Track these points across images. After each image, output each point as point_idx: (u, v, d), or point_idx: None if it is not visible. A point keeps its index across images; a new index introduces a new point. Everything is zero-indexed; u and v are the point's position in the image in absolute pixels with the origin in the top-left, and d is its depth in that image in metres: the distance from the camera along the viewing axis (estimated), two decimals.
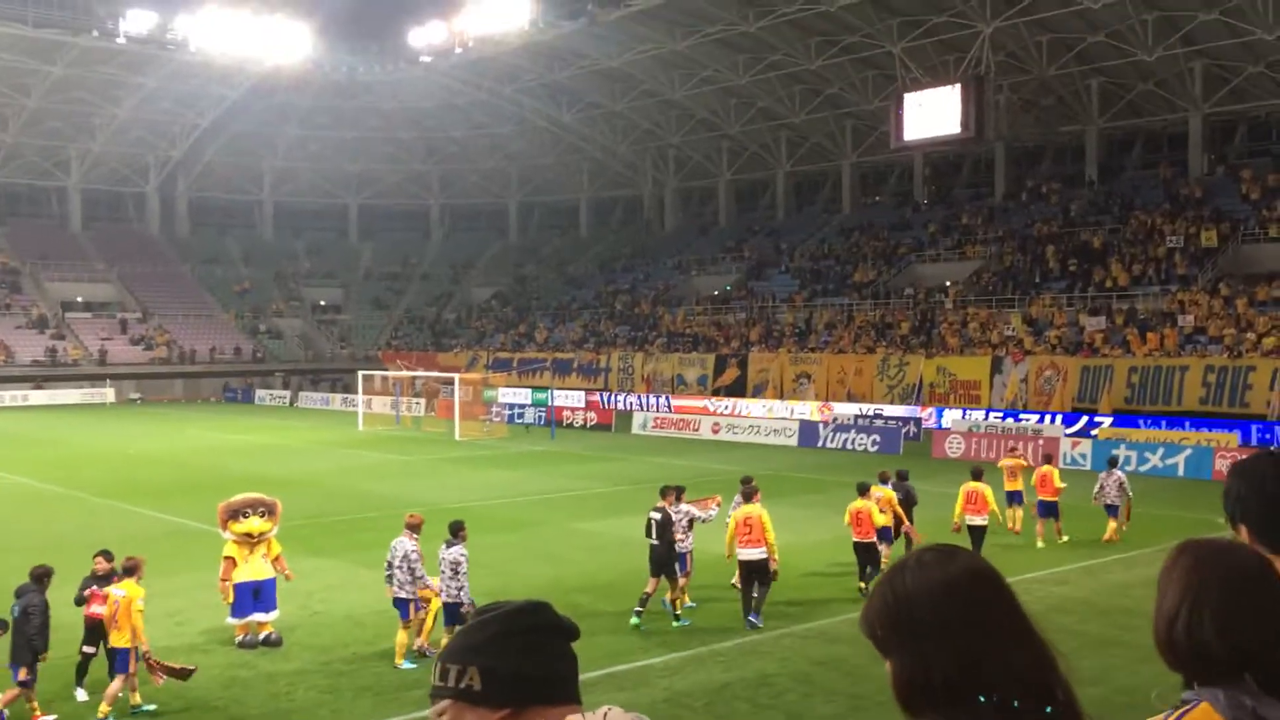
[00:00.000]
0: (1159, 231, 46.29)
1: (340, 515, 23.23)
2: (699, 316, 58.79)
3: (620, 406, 50.13)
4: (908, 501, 17.55)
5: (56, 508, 24.39)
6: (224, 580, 13.37)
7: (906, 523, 16.82)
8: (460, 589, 12.51)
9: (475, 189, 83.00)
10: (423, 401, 51.39)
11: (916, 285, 52.17)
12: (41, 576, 11.30)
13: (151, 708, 11.12)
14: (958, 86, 47.35)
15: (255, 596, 13.35)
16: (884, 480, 17.10)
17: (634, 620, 14.08)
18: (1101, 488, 20.07)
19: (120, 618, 11.01)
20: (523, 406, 50.19)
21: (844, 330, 50.20)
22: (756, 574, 14.16)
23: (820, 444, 38.09)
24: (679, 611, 14.34)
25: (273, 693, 11.71)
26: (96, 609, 11.44)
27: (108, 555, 12.00)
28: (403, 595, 12.67)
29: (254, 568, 13.46)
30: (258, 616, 13.37)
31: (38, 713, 10.83)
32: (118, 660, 10.99)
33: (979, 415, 39.98)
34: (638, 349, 57.15)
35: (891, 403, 43.95)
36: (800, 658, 12.89)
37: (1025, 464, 21.30)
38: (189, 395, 65.61)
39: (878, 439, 37.05)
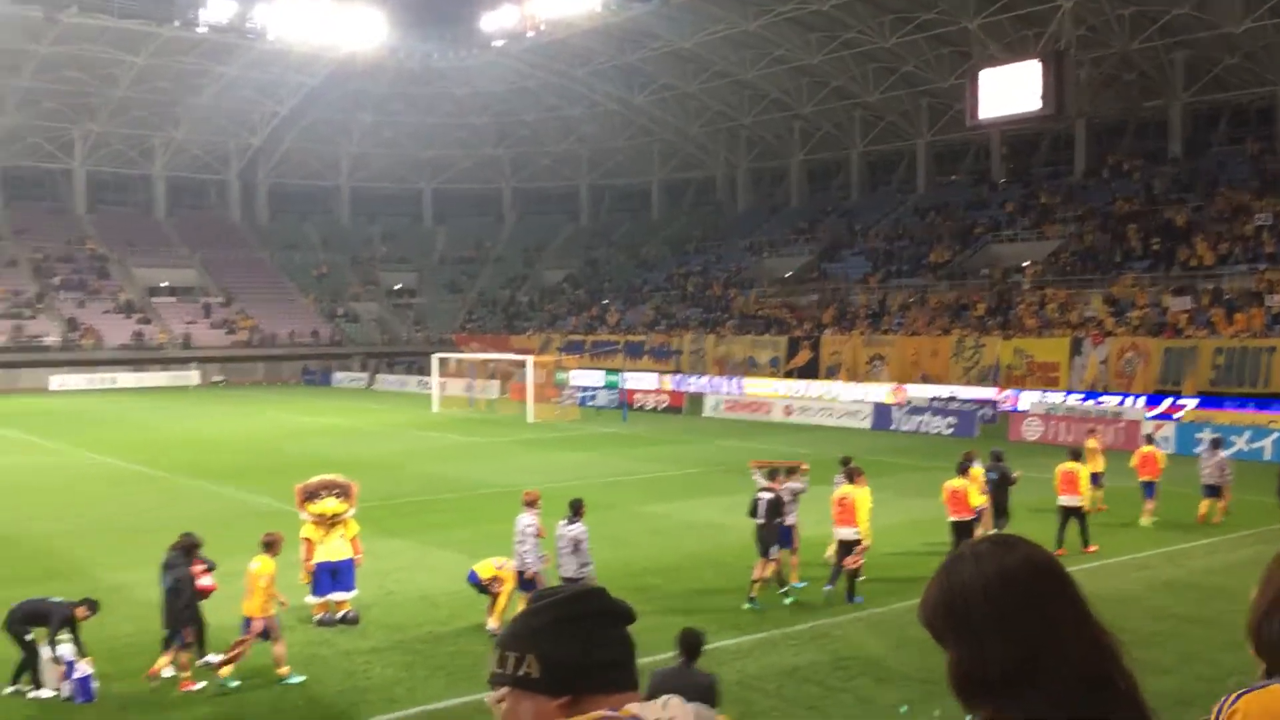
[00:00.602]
0: (1246, 209, 44.92)
1: (414, 497, 23.56)
2: (771, 298, 58.47)
3: (692, 389, 50.12)
4: (1004, 482, 17.37)
5: (142, 488, 25.09)
6: (305, 561, 13.66)
7: (984, 504, 16.62)
8: (582, 565, 12.80)
9: (547, 172, 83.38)
10: (496, 384, 51.87)
11: (993, 265, 51.33)
12: (189, 548, 11.70)
13: (235, 684, 11.42)
14: (1036, 62, 46.25)
15: (333, 576, 13.61)
16: (970, 461, 16.90)
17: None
18: (1202, 468, 20.06)
19: (250, 588, 11.48)
20: (595, 389, 50.42)
21: (919, 312, 49.57)
22: (849, 552, 14.49)
23: (894, 427, 37.76)
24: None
25: (350, 670, 11.95)
26: (204, 582, 11.80)
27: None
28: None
29: (331, 548, 13.72)
30: (336, 595, 13.63)
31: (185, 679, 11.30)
32: (243, 626, 11.49)
33: (1057, 397, 39.26)
34: (709, 331, 57.05)
35: (967, 385, 43.35)
36: (873, 642, 12.81)
37: (1095, 446, 21.04)
38: (270, 378, 67.01)
39: (953, 422, 36.61)
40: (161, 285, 71.34)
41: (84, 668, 10.99)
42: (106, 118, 70.97)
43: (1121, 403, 37.13)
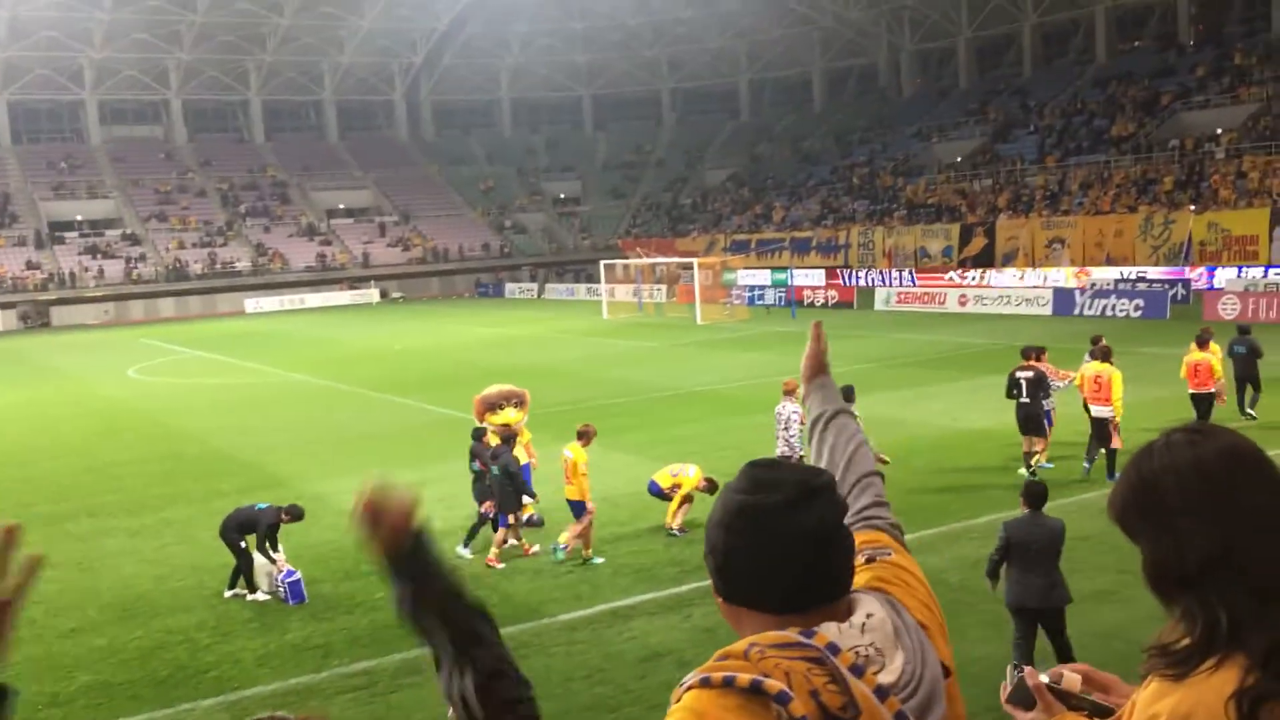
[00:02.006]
0: None
1: (590, 402, 23.99)
2: (941, 185, 56.54)
3: (862, 283, 49.22)
4: (1253, 355, 17.68)
5: (336, 403, 26.35)
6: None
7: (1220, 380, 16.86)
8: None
9: (705, 70, 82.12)
10: (663, 287, 52.09)
11: (1183, 135, 48.19)
12: (510, 439, 13.16)
13: (600, 560, 12.39)
14: None
15: None
16: (1210, 336, 16.97)
17: (1023, 472, 14.76)
18: None
19: (569, 474, 12.59)
20: (763, 288, 50.07)
21: (1101, 190, 47.14)
22: (1105, 430, 14.68)
23: (1077, 312, 36.30)
24: (1035, 469, 14.71)
25: (536, 569, 12.37)
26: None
27: (481, 432, 13.46)
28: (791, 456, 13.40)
29: None
30: None
31: (526, 548, 12.86)
32: (572, 509, 12.63)
33: (1257, 273, 36.91)
34: (877, 223, 55.69)
35: (1156, 264, 41.20)
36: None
37: None
38: (445, 292, 69.06)
39: (1141, 303, 34.92)
40: (339, 207, 74.02)
41: (294, 571, 11.71)
42: (276, 46, 73.34)
43: None
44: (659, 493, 13.56)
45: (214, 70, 75.01)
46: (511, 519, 12.74)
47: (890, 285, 47.12)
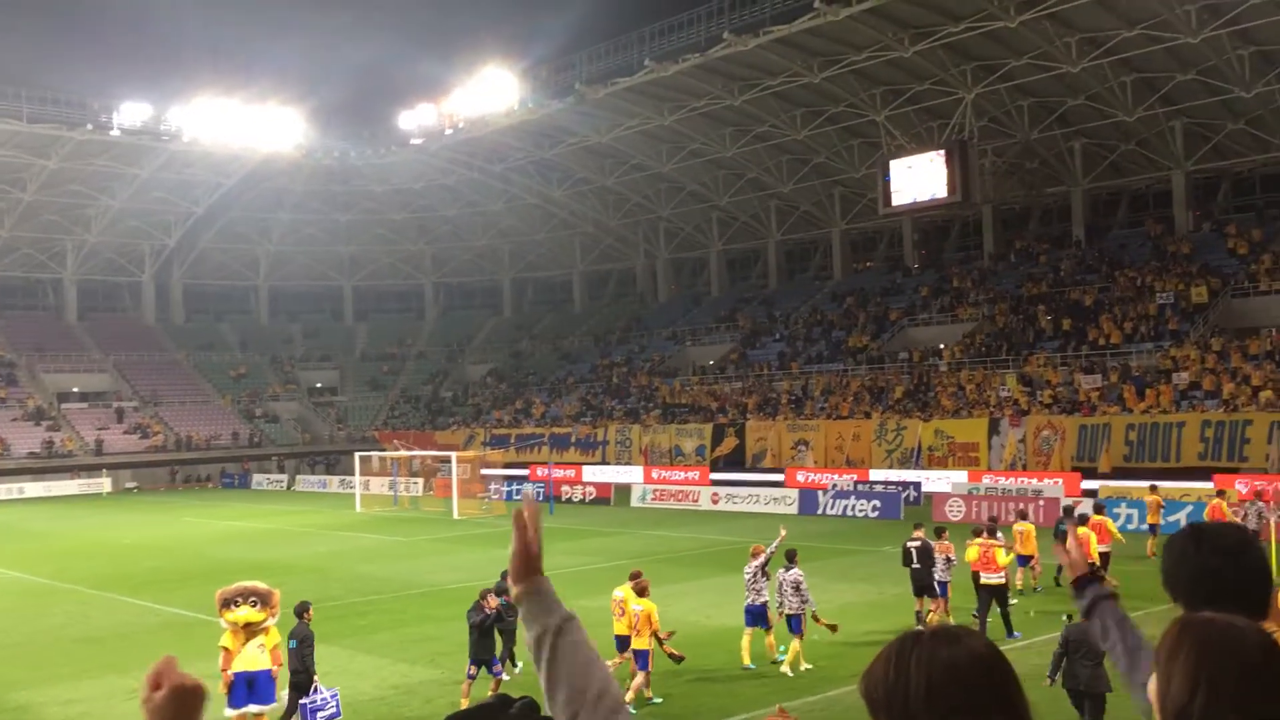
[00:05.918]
0: (1149, 289, 46.56)
1: (338, 600, 22.94)
2: (695, 387, 58.79)
3: (619, 480, 49.86)
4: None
5: (50, 602, 24.10)
6: (223, 670, 13.17)
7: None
8: (803, 602, 15.45)
9: (468, 267, 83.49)
10: (420, 481, 51.15)
11: (910, 349, 52.30)
12: (505, 590, 14.05)
13: (659, 700, 13.90)
14: (942, 152, 47.94)
15: (249, 687, 13.10)
16: (1067, 514, 21.90)
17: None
18: (1244, 515, 23.42)
19: (640, 626, 13.91)
20: (520, 483, 49.90)
21: (840, 396, 50.20)
22: (996, 595, 17.04)
23: (820, 511, 37.91)
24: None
25: None
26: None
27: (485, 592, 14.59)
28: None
29: (247, 658, 13.20)
30: (252, 708, 13.10)
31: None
32: (639, 659, 13.90)
33: (977, 479, 39.82)
34: (634, 421, 57.06)
35: (890, 467, 43.83)
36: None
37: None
38: (186, 482, 65.26)
39: (878, 504, 36.89)
40: (72, 391, 69.49)
41: None
42: (14, 222, 69.63)
43: (1043, 481, 37.79)
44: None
45: None
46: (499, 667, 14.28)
47: (645, 482, 47.94)
